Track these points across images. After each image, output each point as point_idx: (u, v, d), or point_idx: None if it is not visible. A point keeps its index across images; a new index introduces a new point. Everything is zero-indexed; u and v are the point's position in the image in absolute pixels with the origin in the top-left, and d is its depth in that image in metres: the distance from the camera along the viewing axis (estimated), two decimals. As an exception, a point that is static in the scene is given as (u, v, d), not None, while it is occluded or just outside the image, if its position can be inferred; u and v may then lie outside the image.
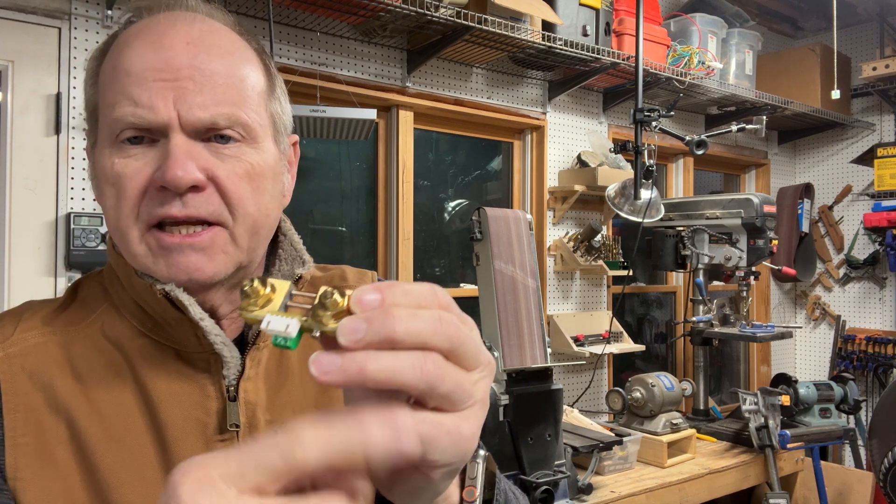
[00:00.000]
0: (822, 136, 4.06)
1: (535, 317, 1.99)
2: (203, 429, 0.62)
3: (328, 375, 0.32)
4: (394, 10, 2.10)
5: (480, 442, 0.48)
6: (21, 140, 1.81)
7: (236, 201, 0.60)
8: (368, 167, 2.62)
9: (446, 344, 0.35)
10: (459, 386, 0.35)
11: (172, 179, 0.56)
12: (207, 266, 0.59)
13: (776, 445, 2.37)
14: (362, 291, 0.34)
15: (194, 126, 0.58)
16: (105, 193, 0.60)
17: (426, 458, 0.34)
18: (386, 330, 0.33)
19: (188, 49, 0.59)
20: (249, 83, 0.62)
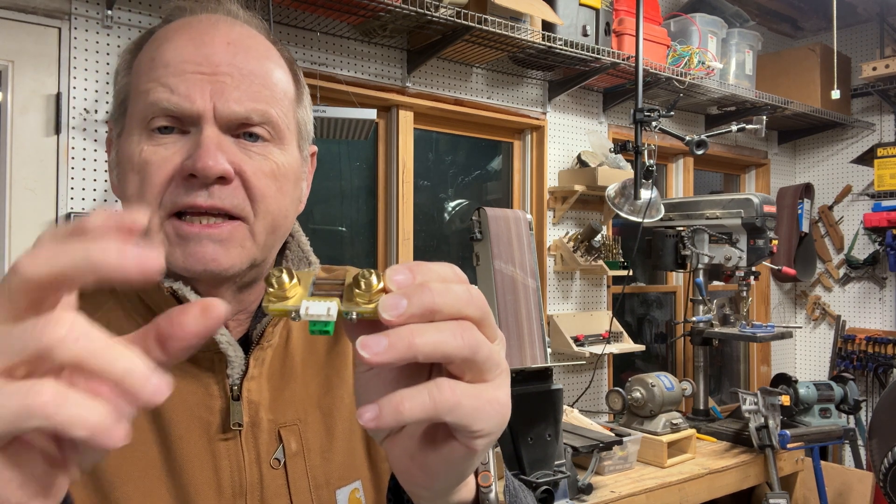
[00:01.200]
0: (822, 136, 4.06)
1: (535, 317, 1.99)
2: (206, 427, 0.62)
3: (379, 356, 0.33)
4: (394, 10, 2.10)
5: None
6: (21, 140, 1.81)
7: (260, 198, 0.61)
8: (368, 167, 2.62)
9: (478, 313, 0.37)
10: (492, 354, 0.37)
11: (203, 168, 0.57)
12: (224, 258, 0.59)
13: (776, 445, 2.37)
14: (394, 271, 0.36)
15: (228, 119, 0.60)
16: (128, 180, 0.60)
17: (471, 427, 0.36)
18: (426, 302, 0.34)
19: (228, 48, 0.61)
20: (282, 87, 0.64)
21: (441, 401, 0.35)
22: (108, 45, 1.92)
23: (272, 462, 0.64)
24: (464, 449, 0.38)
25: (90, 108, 1.90)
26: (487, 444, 0.39)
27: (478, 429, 0.37)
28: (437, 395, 0.35)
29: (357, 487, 0.68)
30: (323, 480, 0.66)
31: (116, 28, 1.93)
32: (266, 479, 0.63)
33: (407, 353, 0.33)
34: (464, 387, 0.36)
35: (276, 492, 0.63)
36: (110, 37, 1.92)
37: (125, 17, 1.94)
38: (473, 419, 0.36)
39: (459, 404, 0.35)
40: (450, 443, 0.39)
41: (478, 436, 0.37)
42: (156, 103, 0.59)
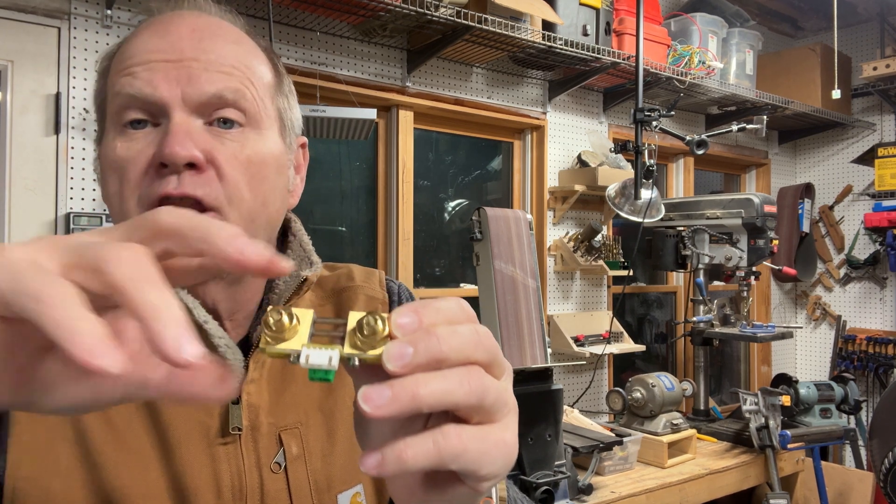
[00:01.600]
0: (822, 136, 4.06)
1: (535, 317, 1.99)
2: (205, 431, 0.61)
3: (381, 409, 0.32)
4: (394, 9, 2.10)
5: None
6: (21, 140, 1.81)
7: (233, 186, 0.58)
8: (368, 167, 2.61)
9: (486, 357, 0.35)
10: (499, 395, 0.35)
11: (170, 154, 0.55)
12: None
13: (777, 446, 2.37)
14: (399, 314, 0.34)
15: (199, 101, 0.57)
16: (108, 180, 0.59)
17: (478, 473, 0.35)
18: (433, 350, 0.33)
19: (193, 34, 0.59)
20: (257, 72, 0.62)
21: (447, 448, 0.34)
22: (108, 45, 1.91)
23: (273, 466, 0.63)
24: (468, 491, 0.37)
25: (90, 108, 1.90)
26: (493, 485, 0.38)
27: (485, 473, 0.35)
28: (442, 443, 0.34)
29: (359, 491, 0.67)
30: (325, 484, 0.65)
31: (116, 28, 1.93)
32: (266, 484, 0.62)
33: (411, 405, 0.32)
34: (470, 431, 0.34)
35: (277, 496, 0.63)
36: (110, 37, 1.92)
37: (125, 16, 1.94)
38: (480, 464, 0.35)
39: (466, 451, 0.34)
40: (454, 485, 0.37)
41: (484, 479, 0.36)
42: (119, 92, 0.57)
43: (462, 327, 0.35)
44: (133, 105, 0.57)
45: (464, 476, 0.36)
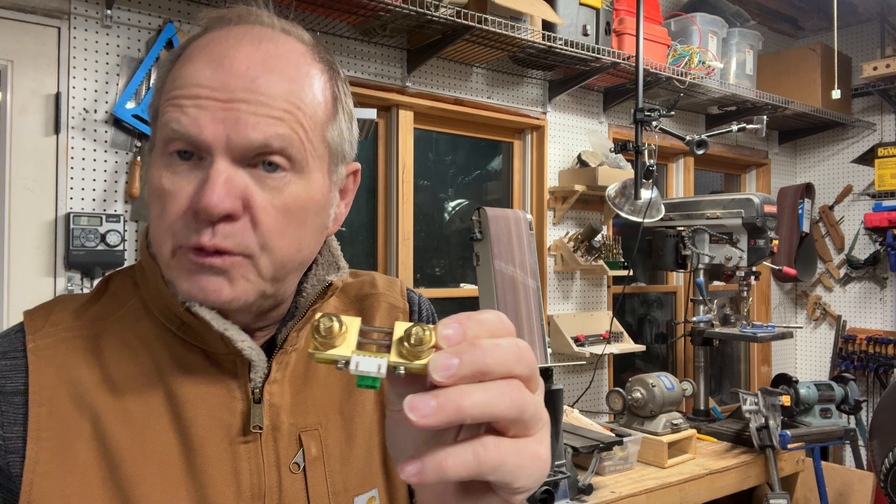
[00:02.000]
0: (822, 136, 4.06)
1: (535, 317, 1.99)
2: (227, 429, 0.62)
3: (427, 418, 0.33)
4: (394, 9, 2.10)
5: None
6: (21, 140, 1.81)
7: (268, 234, 0.58)
8: (368, 167, 2.61)
9: (526, 371, 0.36)
10: (537, 409, 0.37)
11: (206, 206, 0.54)
12: (226, 290, 0.57)
13: (777, 446, 2.37)
14: (444, 326, 0.35)
15: (244, 149, 0.56)
16: (151, 202, 0.60)
17: (513, 485, 0.36)
18: (477, 363, 0.34)
19: (248, 72, 0.56)
20: (309, 110, 0.59)
21: (486, 460, 0.35)
22: (108, 44, 1.92)
23: (292, 466, 0.64)
24: (501, 502, 0.38)
25: (89, 108, 1.90)
26: (525, 498, 0.39)
27: (519, 486, 0.36)
28: (482, 454, 0.34)
29: (374, 496, 0.68)
30: (341, 487, 0.66)
31: (116, 28, 1.93)
32: (285, 484, 0.63)
33: (456, 416, 0.33)
34: (508, 444, 0.35)
35: (295, 496, 0.63)
36: (110, 36, 1.92)
37: (125, 16, 1.94)
38: (516, 477, 0.36)
39: (504, 463, 0.35)
40: (487, 495, 0.38)
41: (518, 492, 0.37)
42: (167, 125, 0.57)
43: (504, 341, 0.36)
44: (179, 139, 0.57)
45: (498, 487, 0.37)
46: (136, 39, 1.96)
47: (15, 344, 0.61)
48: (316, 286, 0.68)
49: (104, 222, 1.87)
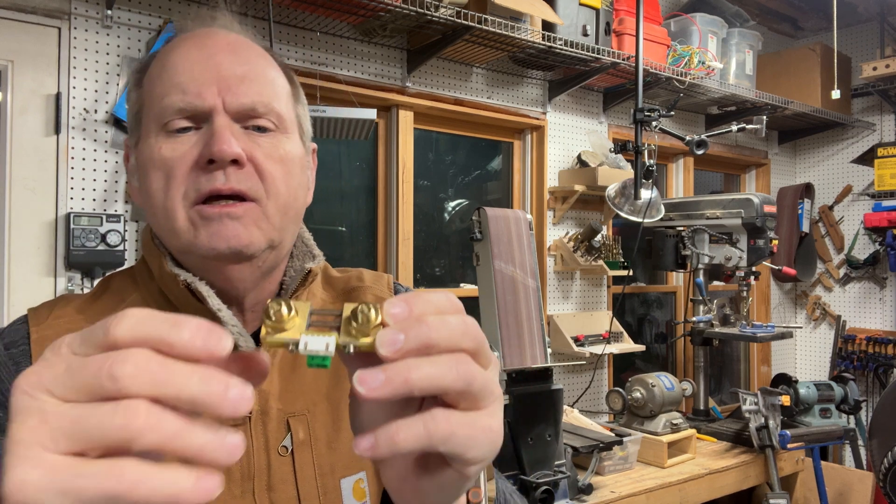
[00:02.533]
0: (822, 136, 4.06)
1: (535, 317, 1.99)
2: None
3: (375, 391, 0.34)
4: (394, 9, 2.10)
5: None
6: (21, 140, 1.81)
7: (270, 180, 0.64)
8: (368, 167, 2.61)
9: (472, 344, 0.37)
10: (486, 383, 0.37)
11: (219, 151, 0.61)
12: (244, 234, 0.63)
13: (776, 445, 2.37)
14: (391, 304, 0.37)
15: (237, 111, 0.64)
16: (151, 178, 0.64)
17: (465, 456, 0.37)
18: (422, 337, 0.35)
19: (228, 49, 0.66)
20: (279, 83, 0.69)
21: (436, 431, 0.36)
22: (108, 45, 1.92)
23: (280, 449, 0.67)
24: (457, 475, 0.39)
25: (90, 108, 1.90)
26: (480, 470, 0.39)
27: (471, 456, 0.37)
28: (431, 426, 0.36)
29: (361, 478, 0.71)
30: (328, 469, 0.69)
31: (116, 28, 1.93)
32: (273, 466, 0.66)
33: (403, 388, 0.34)
34: (458, 416, 0.36)
35: (283, 478, 0.66)
36: (110, 37, 1.92)
37: (125, 16, 1.94)
38: (467, 448, 0.37)
39: (454, 434, 0.36)
40: (443, 469, 0.40)
41: (471, 463, 0.38)
42: (171, 105, 0.63)
43: (451, 317, 0.37)
44: (182, 115, 0.63)
45: (451, 459, 0.38)
46: (137, 39, 1.96)
47: (21, 333, 0.66)
48: (294, 276, 0.72)
49: (104, 222, 1.87)
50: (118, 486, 0.31)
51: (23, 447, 0.31)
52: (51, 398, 0.32)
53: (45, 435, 0.31)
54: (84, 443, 0.31)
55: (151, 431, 0.31)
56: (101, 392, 0.32)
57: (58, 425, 0.31)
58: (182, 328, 0.33)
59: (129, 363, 0.32)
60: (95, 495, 0.31)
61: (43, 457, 0.31)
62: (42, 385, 0.32)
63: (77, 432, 0.31)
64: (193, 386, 0.32)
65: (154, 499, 0.31)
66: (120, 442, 0.31)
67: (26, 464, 0.31)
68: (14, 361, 0.64)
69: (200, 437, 0.32)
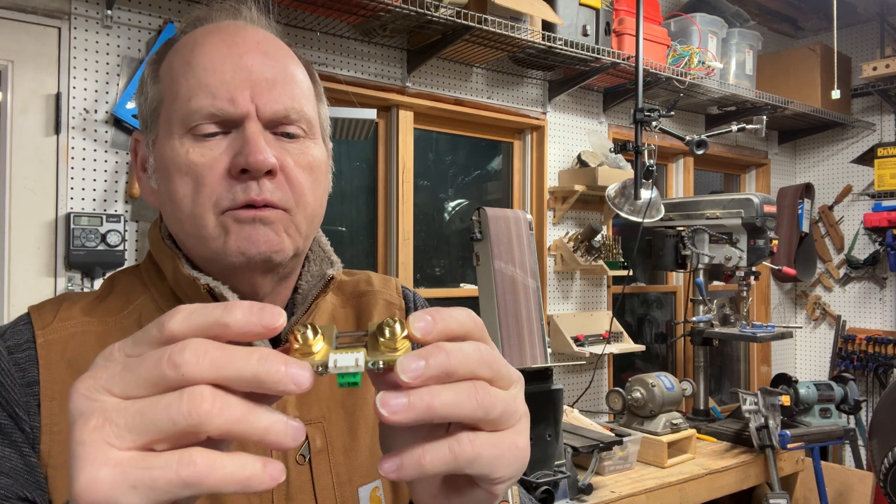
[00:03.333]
0: (822, 136, 4.06)
1: (535, 317, 1.99)
2: None
3: (398, 415, 0.34)
4: (394, 9, 2.10)
5: None
6: (21, 140, 1.81)
7: (299, 190, 0.63)
8: (368, 167, 2.62)
9: (489, 373, 0.38)
10: (507, 406, 0.38)
11: (255, 163, 0.59)
12: (274, 239, 0.61)
13: (776, 445, 2.37)
14: (415, 318, 0.37)
15: (269, 117, 0.62)
16: (177, 183, 0.61)
17: (492, 476, 0.38)
18: (442, 365, 0.36)
19: (259, 49, 0.63)
20: (306, 85, 0.67)
21: (461, 454, 0.36)
22: (108, 45, 1.92)
23: (297, 458, 0.66)
24: (485, 493, 0.40)
25: (90, 108, 1.90)
26: (508, 487, 0.40)
27: (498, 476, 0.38)
28: (457, 449, 0.36)
29: (378, 486, 0.70)
30: (346, 478, 0.68)
31: (116, 28, 1.93)
32: (292, 475, 0.65)
33: (425, 414, 0.35)
34: (483, 438, 0.37)
35: (301, 487, 0.65)
36: (110, 37, 1.92)
37: (125, 16, 1.94)
38: (494, 468, 0.37)
39: (480, 456, 0.37)
40: (472, 488, 0.40)
41: (498, 482, 0.39)
42: (200, 109, 0.60)
43: (467, 345, 0.37)
44: (213, 121, 0.61)
45: (479, 480, 0.39)
46: (137, 39, 1.96)
47: (25, 336, 0.63)
48: (311, 281, 0.70)
49: (104, 222, 1.87)
50: (190, 474, 0.31)
51: (88, 447, 0.31)
52: (111, 397, 0.33)
53: (109, 432, 0.32)
54: (151, 435, 0.32)
55: (219, 415, 0.32)
56: (163, 382, 0.32)
57: (122, 421, 0.32)
58: (235, 309, 0.34)
59: (188, 350, 0.32)
60: (169, 486, 0.31)
61: (110, 454, 0.31)
62: (100, 386, 0.33)
63: (142, 425, 0.32)
64: (254, 365, 0.32)
65: (227, 485, 0.31)
66: (187, 429, 0.31)
67: (94, 463, 0.31)
68: (19, 367, 0.61)
69: (266, 419, 0.33)
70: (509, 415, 0.38)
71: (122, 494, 0.31)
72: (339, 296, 0.78)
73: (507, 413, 0.38)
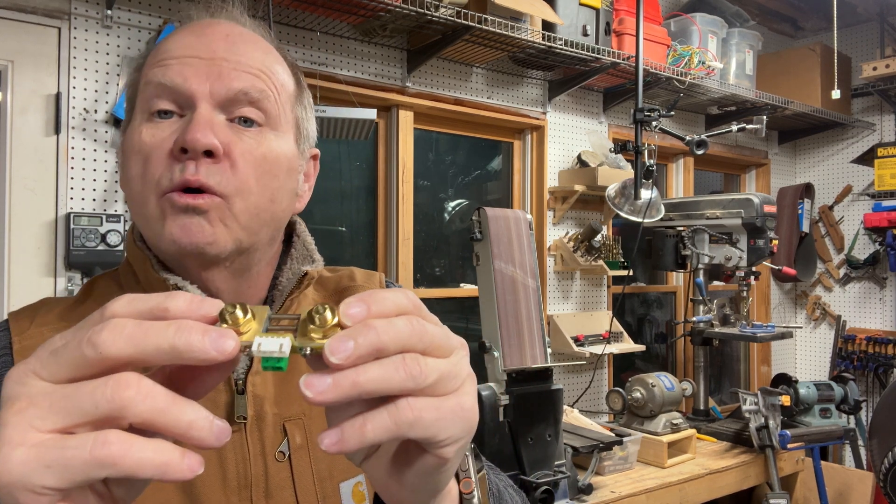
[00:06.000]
0: (822, 136, 4.06)
1: (535, 317, 1.99)
2: None
3: (323, 395, 0.34)
4: (394, 9, 2.10)
5: None
6: (21, 140, 1.81)
7: (244, 178, 0.61)
8: (368, 167, 2.61)
9: (421, 344, 0.37)
10: (443, 372, 0.37)
11: (192, 140, 0.58)
12: (207, 230, 0.59)
13: (776, 445, 2.37)
14: (348, 305, 0.36)
15: (225, 96, 0.61)
16: (130, 164, 0.62)
17: (437, 438, 0.37)
18: (372, 343, 0.35)
19: (227, 39, 0.63)
20: (280, 77, 0.65)
21: (401, 419, 0.35)
22: (108, 45, 1.92)
23: (277, 455, 0.65)
24: (435, 459, 0.39)
25: (90, 108, 1.90)
26: (459, 451, 0.39)
27: (443, 438, 0.37)
28: (396, 415, 0.35)
29: (360, 481, 0.70)
30: (327, 473, 0.68)
31: (116, 28, 1.93)
32: (271, 472, 0.65)
33: (350, 391, 0.34)
34: (423, 401, 0.36)
35: (281, 484, 0.65)
36: (110, 37, 1.92)
37: (125, 17, 1.94)
38: (437, 430, 0.37)
39: (420, 419, 0.36)
40: (422, 456, 0.39)
41: (445, 444, 0.38)
42: (151, 81, 0.61)
43: (398, 320, 0.37)
44: (163, 95, 0.60)
45: (425, 444, 0.38)
46: (137, 39, 1.96)
47: (2, 342, 0.63)
48: (291, 278, 0.70)
49: (104, 222, 1.87)
50: (104, 454, 0.31)
51: (9, 429, 0.32)
52: (40, 381, 0.33)
53: (32, 415, 0.32)
54: (73, 418, 0.31)
55: (142, 402, 0.31)
56: (85, 363, 0.32)
57: (46, 404, 0.32)
58: (177, 297, 0.34)
59: (105, 329, 0.32)
60: (83, 466, 0.31)
61: (28, 435, 0.31)
62: (30, 370, 0.33)
63: (65, 408, 0.32)
64: (171, 336, 0.32)
65: (142, 469, 0.31)
66: (109, 413, 0.31)
67: (10, 444, 0.31)
68: None
69: (191, 414, 0.32)
70: (448, 380, 0.37)
71: (36, 473, 0.31)
72: (320, 292, 0.77)
73: (445, 379, 0.37)
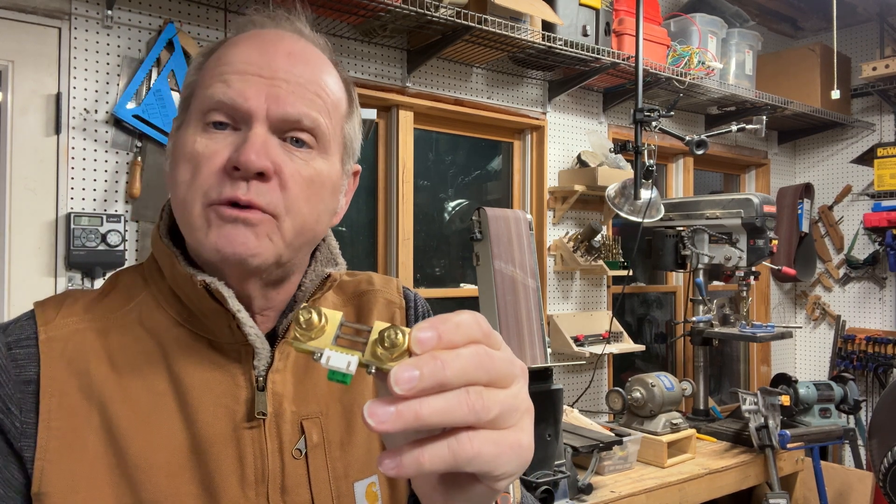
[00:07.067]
0: (822, 136, 4.06)
1: (535, 317, 1.99)
2: (231, 416, 0.64)
3: (385, 425, 0.34)
4: (394, 10, 2.10)
5: None
6: (21, 140, 1.81)
7: (293, 199, 0.63)
8: (368, 167, 2.62)
9: (485, 376, 0.37)
10: (504, 406, 0.38)
11: (246, 161, 0.59)
12: (252, 242, 0.61)
13: (776, 445, 2.37)
14: (419, 329, 0.37)
15: (280, 120, 0.62)
16: (179, 169, 0.63)
17: (493, 473, 0.38)
18: (437, 376, 0.35)
19: (288, 58, 0.64)
20: (334, 99, 0.67)
21: (461, 453, 0.36)
22: (108, 45, 1.92)
23: (294, 452, 0.66)
24: (486, 489, 0.40)
25: (90, 108, 1.90)
26: (510, 483, 0.40)
27: (499, 473, 0.38)
28: (456, 448, 0.36)
29: (374, 482, 0.71)
30: (342, 472, 0.69)
31: (116, 28, 1.93)
32: (287, 468, 0.66)
33: (413, 423, 0.35)
34: (483, 436, 0.37)
35: (297, 481, 0.66)
36: (110, 37, 1.92)
37: (125, 17, 1.94)
38: (494, 466, 0.37)
39: (479, 454, 0.36)
40: (473, 484, 0.40)
41: (500, 479, 0.39)
42: (212, 96, 0.62)
43: (465, 351, 0.37)
44: (221, 109, 0.62)
45: (480, 476, 0.39)
46: (137, 40, 1.96)
47: (27, 332, 0.64)
48: (314, 280, 0.71)
49: (105, 222, 1.87)
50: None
51: None
52: None
53: None
54: None
55: None
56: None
57: None
58: None
59: None
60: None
61: None
62: None
63: None
64: None
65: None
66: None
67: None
68: (16, 364, 0.61)
69: None
70: (508, 415, 0.38)
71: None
72: (340, 295, 0.79)
73: (506, 413, 0.38)
